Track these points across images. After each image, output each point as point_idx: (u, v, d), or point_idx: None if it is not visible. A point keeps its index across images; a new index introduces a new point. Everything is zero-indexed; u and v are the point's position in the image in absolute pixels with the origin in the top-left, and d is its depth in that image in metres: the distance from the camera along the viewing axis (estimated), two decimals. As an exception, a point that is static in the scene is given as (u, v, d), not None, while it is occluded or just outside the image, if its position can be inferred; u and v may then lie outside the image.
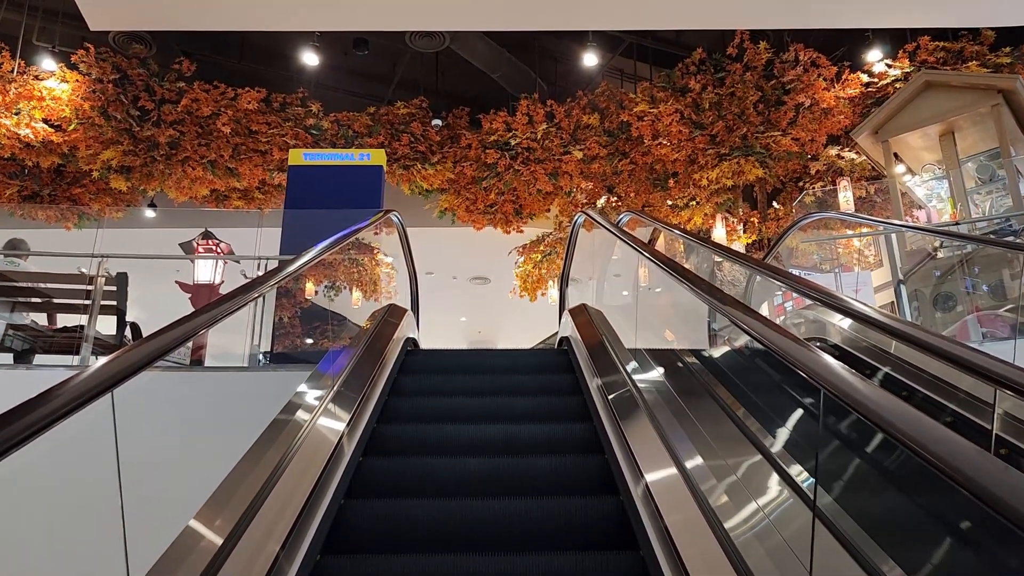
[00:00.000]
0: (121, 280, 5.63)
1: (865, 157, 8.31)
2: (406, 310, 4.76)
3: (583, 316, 4.42)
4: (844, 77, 8.12)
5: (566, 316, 4.80)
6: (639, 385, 2.92)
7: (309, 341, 6.21)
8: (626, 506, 2.33)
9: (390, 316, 4.41)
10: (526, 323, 16.39)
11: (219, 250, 6.28)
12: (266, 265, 5.66)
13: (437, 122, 8.92)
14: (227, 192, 9.84)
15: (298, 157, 6.75)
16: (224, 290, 6.32)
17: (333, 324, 6.35)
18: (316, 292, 6.39)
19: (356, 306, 7.51)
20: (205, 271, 6.07)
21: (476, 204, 9.82)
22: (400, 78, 9.81)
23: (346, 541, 2.26)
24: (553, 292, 11.58)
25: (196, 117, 8.33)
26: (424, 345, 5.28)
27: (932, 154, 6.30)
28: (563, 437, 2.95)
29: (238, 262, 6.25)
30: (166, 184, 8.94)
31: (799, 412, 2.93)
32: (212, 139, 8.48)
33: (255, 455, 2.16)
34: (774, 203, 9.99)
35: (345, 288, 7.88)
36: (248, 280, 3.96)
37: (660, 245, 11.40)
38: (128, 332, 5.98)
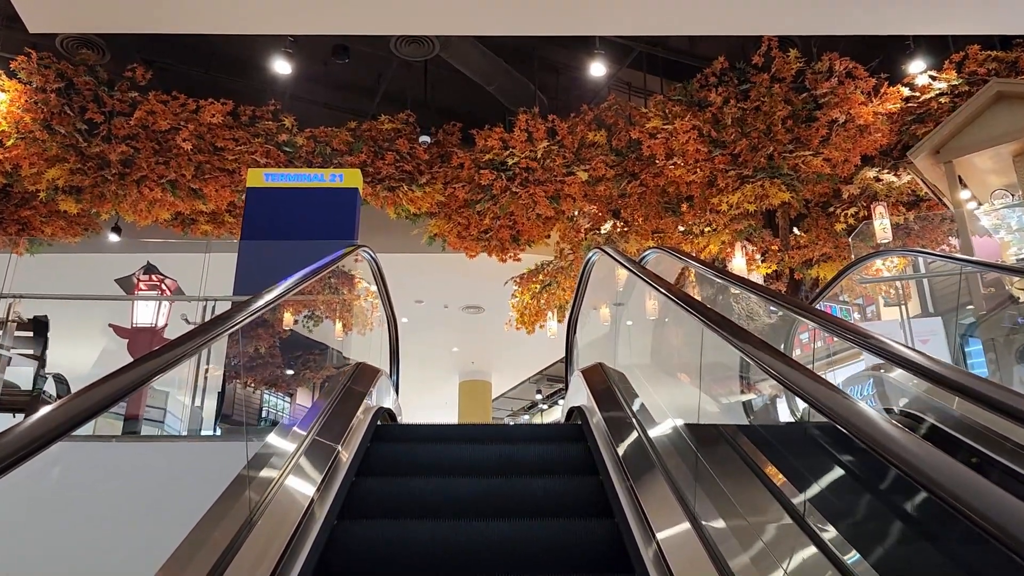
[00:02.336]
0: (39, 326, 4.66)
1: (912, 180, 7.41)
2: (378, 372, 3.78)
3: (604, 385, 3.44)
4: (883, 91, 7.22)
5: (577, 378, 3.83)
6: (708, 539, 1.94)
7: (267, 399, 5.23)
8: None
9: (355, 383, 3.43)
10: (522, 354, 15.42)
11: (164, 288, 5.31)
12: (214, 307, 4.69)
13: (425, 139, 7.99)
14: (193, 215, 8.88)
15: (258, 178, 5.79)
16: (170, 334, 5.34)
17: (306, 372, 5.39)
18: (282, 334, 5.41)
19: (340, 338, 6.57)
20: (146, 312, 5.10)
21: (469, 230, 8.87)
22: (385, 90, 8.90)
23: None
24: (553, 324, 10.64)
25: (152, 132, 7.38)
26: (413, 375, 4.29)
27: (1002, 177, 5.39)
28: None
29: (186, 300, 5.27)
30: (121, 207, 7.97)
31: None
32: (171, 156, 7.52)
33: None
34: (794, 229, 9.08)
35: (320, 324, 6.91)
36: (192, 326, 3.05)
37: (669, 275, 10.47)
38: (50, 386, 5.00)
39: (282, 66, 7.43)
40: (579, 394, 3.69)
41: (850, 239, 7.87)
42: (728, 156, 7.47)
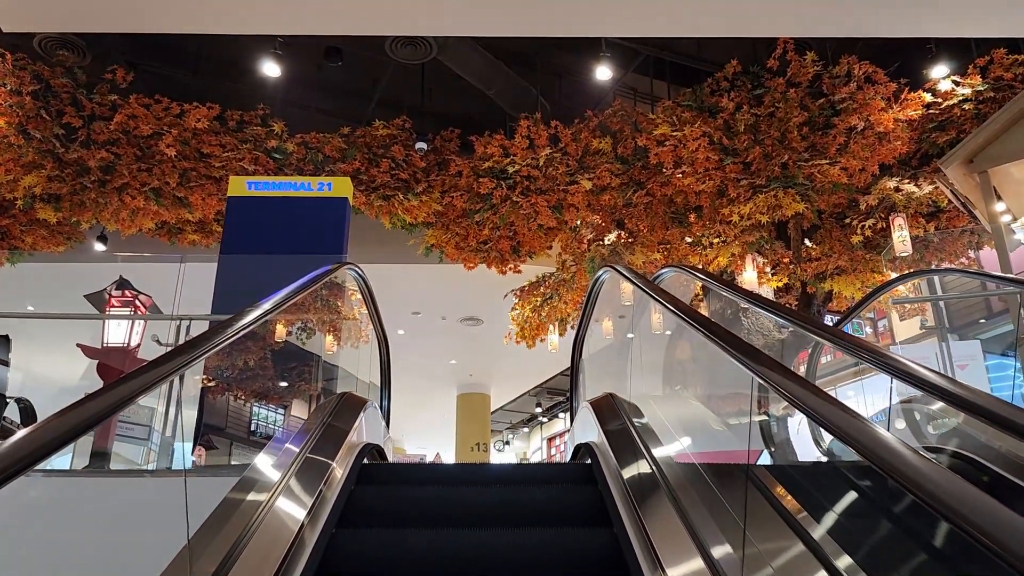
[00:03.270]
0: (-2, 345, 4.28)
1: (935, 191, 7.04)
2: (364, 403, 3.39)
3: (618, 423, 3.06)
4: (903, 96, 6.86)
5: (586, 411, 3.44)
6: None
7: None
8: None
9: (336, 419, 3.05)
10: (522, 366, 15.02)
11: (138, 304, 4.93)
12: (189, 328, 4.30)
13: (422, 145, 7.62)
14: (179, 225, 8.50)
15: (240, 186, 5.42)
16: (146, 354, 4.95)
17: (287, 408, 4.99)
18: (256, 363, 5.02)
19: (329, 352, 6.19)
20: (118, 331, 4.71)
21: (467, 240, 8.49)
22: (381, 95, 8.53)
23: None
24: (554, 338, 10.27)
25: (134, 137, 7.00)
26: (409, 388, 3.91)
27: (1040, 189, 5.02)
28: None
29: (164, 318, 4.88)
30: (102, 215, 7.60)
31: None
32: (154, 163, 7.15)
33: None
34: (805, 241, 8.70)
35: (311, 338, 6.54)
36: (168, 348, 2.68)
37: (682, 291, 10.09)
38: (13, 412, 4.60)
39: (271, 69, 7.06)
40: (588, 430, 3.31)
41: (882, 257, 7.49)
42: (740, 165, 7.11)
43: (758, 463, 3.13)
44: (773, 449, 4.13)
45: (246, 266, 4.81)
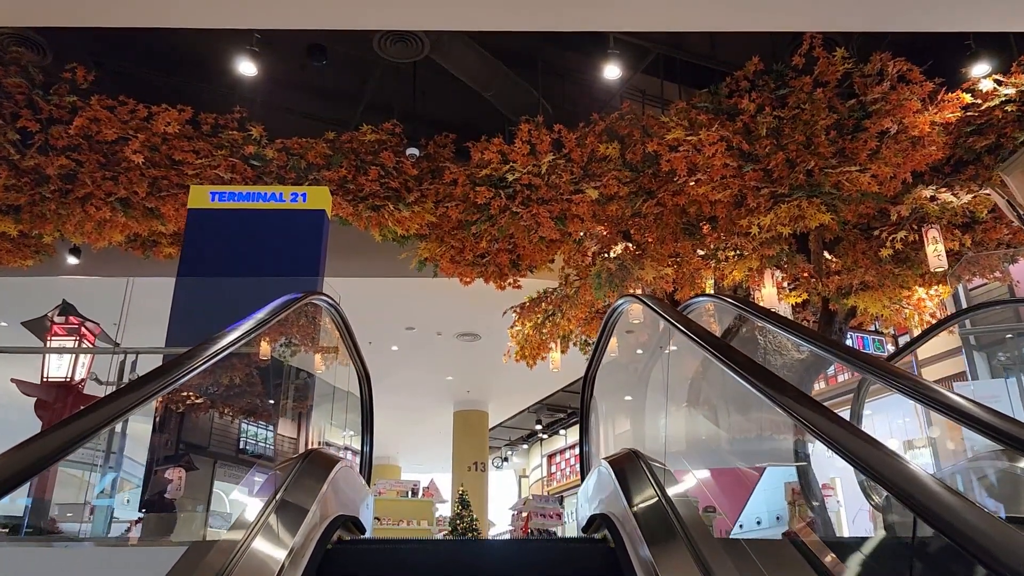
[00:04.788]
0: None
1: (973, 200, 6.45)
2: (335, 462, 2.77)
3: (650, 498, 2.43)
4: (939, 97, 6.26)
5: (605, 474, 2.81)
6: None
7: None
8: None
9: (294, 490, 2.42)
10: (521, 383, 14.36)
11: (85, 332, 4.30)
12: (135, 362, 3.67)
13: (413, 151, 7.02)
14: (153, 237, 7.87)
15: (202, 197, 4.81)
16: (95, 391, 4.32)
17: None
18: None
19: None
20: (60, 364, 4.09)
21: (463, 253, 7.88)
22: (370, 98, 7.93)
23: None
24: (556, 356, 9.66)
25: (97, 142, 6.39)
26: (404, 405, 3.28)
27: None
28: None
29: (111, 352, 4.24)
30: (65, 227, 6.98)
31: None
32: (120, 171, 6.54)
33: None
34: (825, 254, 8.09)
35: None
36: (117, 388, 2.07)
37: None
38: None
39: (247, 67, 6.46)
40: (607, 497, 2.69)
41: (949, 276, 6.89)
42: (760, 172, 6.51)
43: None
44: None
45: (207, 290, 4.19)
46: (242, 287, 4.16)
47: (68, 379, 4.14)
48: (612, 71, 6.63)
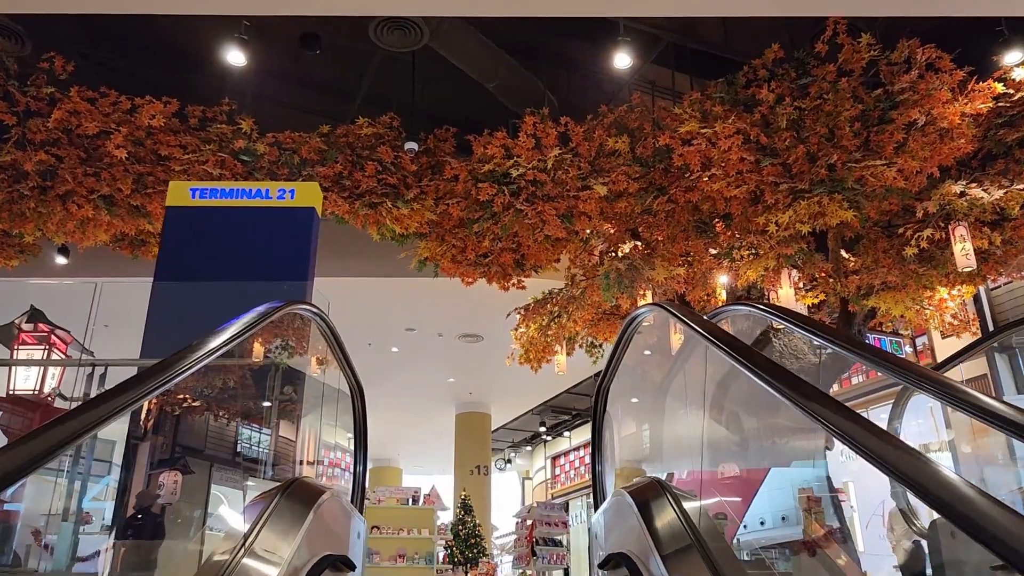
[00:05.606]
0: None
1: (1006, 195, 6.08)
2: (319, 494, 2.42)
3: (676, 534, 2.08)
4: (970, 87, 5.90)
5: (625, 505, 2.46)
6: None
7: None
8: None
9: (271, 532, 2.07)
10: (525, 384, 13.97)
11: (56, 340, 3.96)
12: (104, 375, 3.33)
13: (412, 146, 6.66)
14: (142, 236, 7.53)
15: (181, 195, 4.46)
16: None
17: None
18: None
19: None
20: (27, 376, 3.75)
21: (465, 253, 7.54)
22: (366, 90, 7.57)
23: None
24: (561, 358, 9.32)
25: (78, 136, 6.05)
26: (405, 407, 2.93)
27: None
28: None
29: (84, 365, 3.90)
30: (46, 227, 6.65)
31: None
32: (103, 167, 6.20)
33: None
34: (842, 253, 7.73)
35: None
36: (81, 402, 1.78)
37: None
38: None
39: (236, 57, 6.11)
40: (629, 535, 2.34)
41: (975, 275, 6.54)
42: (779, 166, 6.15)
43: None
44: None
45: (187, 295, 3.85)
46: (225, 292, 3.82)
47: (35, 392, 3.81)
48: (623, 59, 6.27)
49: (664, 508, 2.28)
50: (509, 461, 20.83)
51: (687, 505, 2.31)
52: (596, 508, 3.13)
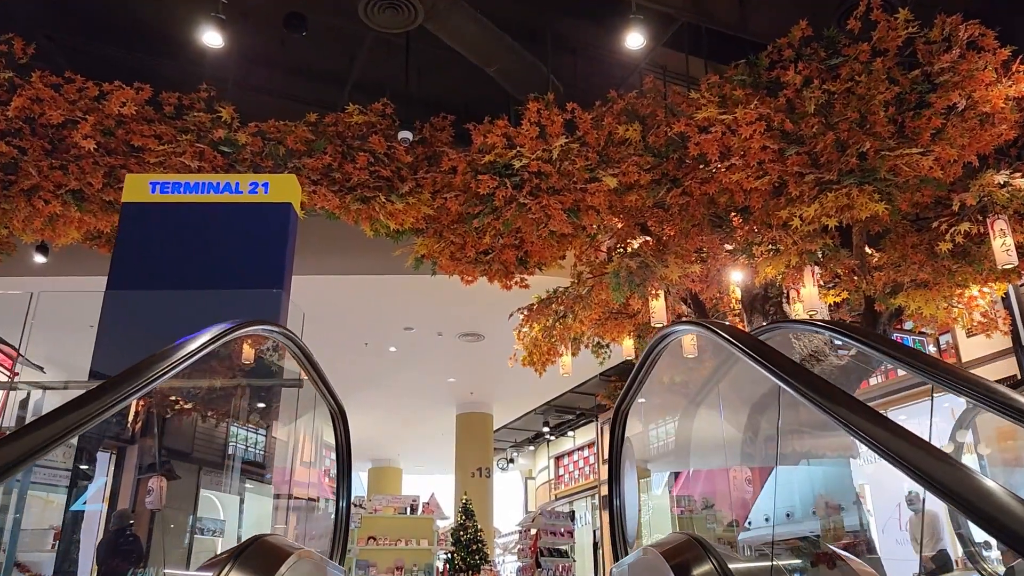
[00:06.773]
0: None
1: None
2: (284, 557, 1.95)
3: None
4: (1014, 68, 5.40)
5: (656, 565, 1.98)
6: None
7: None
8: None
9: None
10: (527, 384, 13.48)
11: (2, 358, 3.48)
12: (43, 398, 2.85)
13: (407, 135, 6.17)
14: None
15: (140, 189, 3.97)
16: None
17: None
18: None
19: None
20: (-36, 395, 3.28)
21: (465, 250, 7.06)
22: (357, 75, 7.07)
23: None
24: (566, 359, 8.85)
25: (41, 126, 5.56)
26: (404, 408, 2.46)
27: None
28: None
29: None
30: (12, 223, 6.17)
31: None
32: (70, 159, 5.71)
33: None
34: (866, 248, 7.24)
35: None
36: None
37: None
38: None
39: (212, 38, 5.61)
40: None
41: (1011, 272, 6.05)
42: (805, 155, 5.66)
43: None
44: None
45: (145, 306, 3.37)
46: (188, 299, 3.36)
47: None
48: (635, 39, 5.76)
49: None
50: (511, 461, 20.39)
51: (729, 560, 1.84)
52: (616, 558, 2.66)
